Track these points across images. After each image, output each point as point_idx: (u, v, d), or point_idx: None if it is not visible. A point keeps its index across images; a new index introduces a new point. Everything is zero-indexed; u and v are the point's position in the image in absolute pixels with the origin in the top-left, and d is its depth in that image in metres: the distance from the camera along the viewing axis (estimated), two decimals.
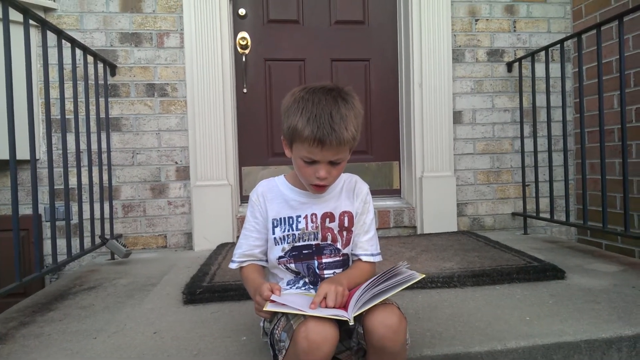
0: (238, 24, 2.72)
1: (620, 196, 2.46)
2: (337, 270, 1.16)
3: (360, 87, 2.79)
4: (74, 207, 2.33)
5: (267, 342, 1.09)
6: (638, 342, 1.23)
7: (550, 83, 2.46)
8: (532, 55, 2.56)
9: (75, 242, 2.04)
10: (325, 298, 0.96)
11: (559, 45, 2.36)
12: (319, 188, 1.10)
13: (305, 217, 1.15)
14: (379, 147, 2.88)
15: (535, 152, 2.56)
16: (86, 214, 2.15)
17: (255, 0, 2.74)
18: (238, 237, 1.24)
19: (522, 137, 2.69)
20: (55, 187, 1.83)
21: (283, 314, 1.01)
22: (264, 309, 0.95)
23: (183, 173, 2.57)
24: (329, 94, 1.04)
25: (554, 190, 2.47)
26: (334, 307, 0.95)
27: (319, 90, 1.05)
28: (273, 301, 0.96)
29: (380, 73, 2.86)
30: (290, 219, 1.15)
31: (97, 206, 2.23)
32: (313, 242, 1.14)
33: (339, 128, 1.00)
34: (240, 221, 2.54)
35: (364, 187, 1.20)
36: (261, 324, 1.16)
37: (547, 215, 2.49)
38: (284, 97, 1.10)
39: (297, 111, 1.03)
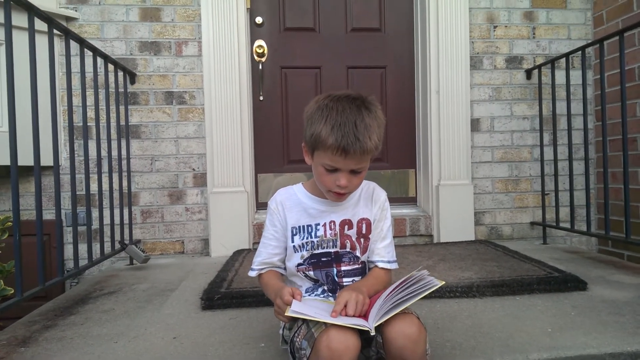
0: (255, 32, 2.75)
1: None
2: (356, 278, 1.16)
3: (376, 94, 2.79)
4: (95, 213, 2.37)
5: (287, 350, 1.09)
6: None
7: (570, 90, 2.43)
8: (552, 62, 2.54)
9: (95, 247, 2.07)
10: (345, 306, 0.96)
11: (579, 52, 2.33)
12: (339, 196, 1.09)
13: (324, 224, 1.15)
14: (395, 154, 2.87)
15: (556, 160, 2.52)
16: (106, 220, 2.18)
17: (272, 8, 2.77)
18: (254, 243, 1.25)
19: (541, 145, 2.66)
20: (76, 193, 1.86)
21: (304, 321, 1.01)
22: (285, 313, 0.95)
23: (200, 180, 2.60)
24: (353, 102, 1.04)
25: (574, 200, 2.43)
26: (354, 316, 0.95)
27: (343, 99, 1.05)
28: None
29: (396, 80, 2.86)
30: (309, 227, 1.15)
31: (116, 212, 2.27)
32: (332, 250, 1.14)
33: (363, 137, 1.00)
34: (256, 228, 2.55)
35: (382, 194, 1.20)
36: (280, 332, 1.16)
37: (567, 225, 2.44)
38: (307, 104, 1.11)
39: (321, 119, 1.03)
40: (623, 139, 1.94)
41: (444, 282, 1.01)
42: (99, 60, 2.15)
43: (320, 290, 1.16)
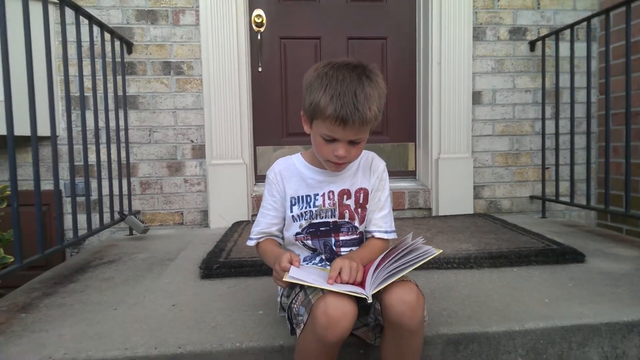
0: (253, 1, 2.68)
1: None
2: (354, 248, 1.16)
3: (377, 65, 2.73)
4: (93, 184, 2.37)
5: (285, 317, 1.10)
6: None
7: (574, 63, 2.39)
8: (556, 33, 2.48)
9: (95, 218, 2.08)
10: (340, 273, 0.96)
11: (585, 23, 2.28)
12: (337, 166, 1.09)
13: (323, 194, 1.14)
14: (395, 127, 2.84)
15: (557, 134, 2.50)
16: (105, 191, 2.17)
17: None
18: (253, 215, 1.24)
19: (543, 119, 2.63)
20: (75, 164, 1.85)
21: (301, 288, 1.02)
22: (283, 278, 0.96)
23: (199, 151, 2.58)
24: (354, 71, 1.01)
25: (575, 174, 2.42)
26: (349, 283, 0.95)
27: (343, 67, 1.02)
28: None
29: (397, 51, 2.81)
30: (308, 197, 1.15)
31: (115, 183, 2.26)
32: (330, 220, 1.14)
33: (362, 108, 0.98)
34: (255, 200, 2.55)
35: (380, 164, 1.19)
36: (278, 299, 1.17)
37: (567, 199, 2.44)
38: (307, 72, 1.08)
39: (321, 87, 1.00)
40: (627, 112, 1.92)
41: (441, 251, 1.01)
42: (95, 29, 2.10)
43: (318, 259, 1.16)
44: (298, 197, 1.15)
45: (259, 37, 2.69)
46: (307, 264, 1.16)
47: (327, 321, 0.89)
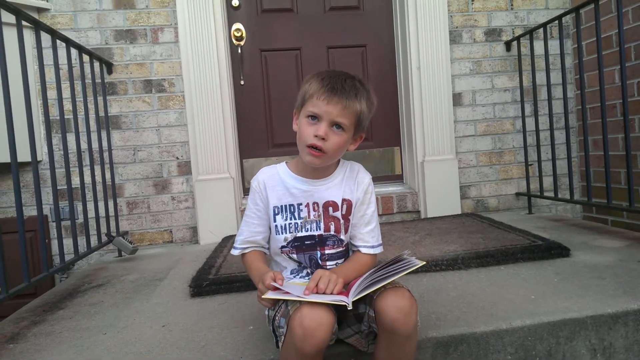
0: (232, 15, 2.70)
1: (624, 171, 2.43)
2: (339, 261, 1.16)
3: (358, 73, 2.74)
4: (79, 207, 2.35)
5: (271, 330, 1.10)
6: None
7: (549, 60, 2.44)
8: (530, 33, 2.53)
9: (82, 241, 2.06)
10: (317, 283, 0.96)
11: (557, 22, 2.33)
12: (315, 153, 1.06)
13: (307, 205, 1.14)
14: (380, 133, 2.86)
15: (537, 130, 2.54)
16: (91, 213, 2.16)
17: None
18: None
19: (523, 117, 2.67)
20: (58, 188, 1.84)
21: (284, 301, 1.02)
22: (263, 296, 0.96)
23: (185, 168, 2.58)
24: (348, 76, 1.11)
25: (557, 169, 2.46)
26: (327, 293, 0.95)
27: (341, 73, 1.11)
28: (276, 288, 0.96)
29: (377, 58, 2.84)
30: (292, 207, 1.15)
31: (101, 204, 2.25)
32: (316, 233, 1.14)
33: (349, 89, 1.06)
34: (244, 213, 2.54)
35: (365, 177, 1.19)
36: (266, 313, 1.17)
37: (551, 194, 2.48)
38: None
39: (316, 80, 1.09)
40: (601, 106, 1.96)
41: (424, 263, 1.03)
42: (74, 52, 2.09)
43: (304, 272, 1.16)
44: (281, 206, 1.15)
45: (239, 51, 2.71)
46: (294, 276, 1.16)
47: (303, 332, 0.88)
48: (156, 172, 2.57)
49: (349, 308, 0.92)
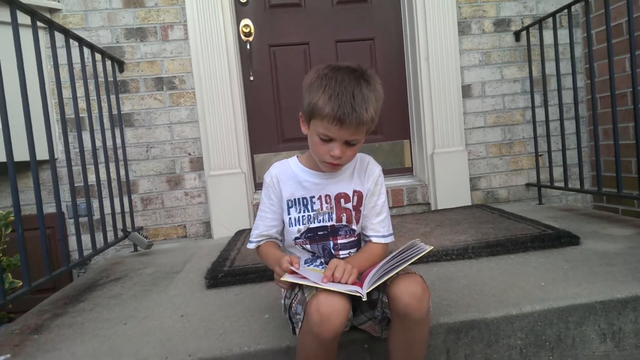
0: (240, 11, 2.73)
1: (635, 160, 2.43)
2: (352, 250, 1.19)
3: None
4: (95, 203, 2.40)
5: (287, 318, 1.14)
6: None
7: (559, 50, 2.43)
8: (539, 22, 2.52)
9: (98, 237, 2.11)
10: (334, 272, 0.99)
11: (566, 11, 2.31)
12: (332, 167, 1.11)
13: (320, 197, 1.17)
14: (389, 126, 2.88)
15: (547, 121, 2.54)
16: (107, 209, 2.21)
17: None
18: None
19: (533, 107, 2.67)
20: (75, 185, 1.89)
21: (300, 288, 1.05)
22: (281, 279, 1.00)
23: (197, 164, 2.62)
24: (353, 74, 1.04)
25: (568, 159, 2.46)
26: (342, 282, 0.98)
27: (343, 69, 1.05)
28: (292, 272, 1.00)
29: (385, 51, 2.85)
30: (305, 200, 1.18)
31: (116, 201, 2.30)
32: (328, 224, 1.16)
33: (359, 108, 1.00)
34: (256, 207, 2.58)
35: (376, 168, 1.21)
36: (282, 301, 1.20)
37: (561, 184, 2.48)
38: (300, 79, 1.12)
39: (320, 88, 1.03)
40: (611, 95, 1.96)
41: (432, 247, 1.05)
42: (86, 51, 2.14)
43: (318, 262, 1.19)
44: (295, 199, 1.18)
45: (248, 47, 2.74)
46: (308, 265, 1.19)
47: (320, 318, 0.92)
48: (169, 168, 2.61)
49: (364, 299, 0.94)
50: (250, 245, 1.22)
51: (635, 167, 2.43)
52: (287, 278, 0.98)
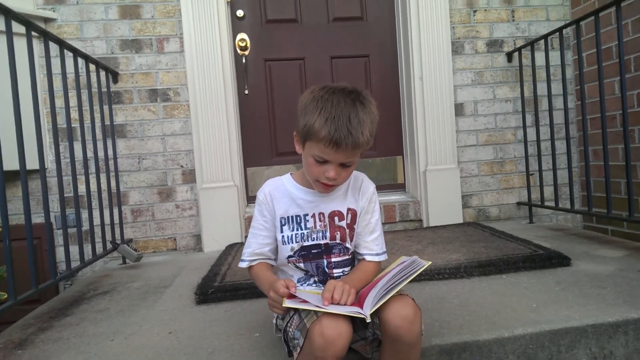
0: (237, 25, 2.74)
1: (624, 181, 2.45)
2: (346, 269, 1.18)
3: (361, 83, 2.80)
4: (84, 214, 2.37)
5: (281, 338, 1.12)
6: None
7: (550, 71, 2.47)
8: (531, 44, 2.57)
9: (87, 248, 2.08)
10: (332, 294, 0.98)
11: (558, 34, 2.36)
12: (326, 187, 1.10)
13: (313, 215, 1.16)
14: (382, 142, 2.89)
15: (538, 140, 2.57)
16: (96, 220, 2.18)
17: (253, 1, 2.76)
18: (246, 236, 1.26)
19: (524, 127, 2.70)
20: (65, 195, 1.86)
21: (295, 311, 1.03)
22: (282, 305, 0.96)
23: (189, 176, 2.61)
24: (349, 96, 1.04)
25: (558, 178, 2.48)
26: (341, 304, 0.97)
27: (338, 92, 1.05)
28: (292, 295, 0.97)
29: (380, 68, 2.88)
30: (298, 218, 1.17)
31: (106, 212, 2.27)
32: (322, 242, 1.16)
33: (355, 132, 1.00)
34: (248, 221, 2.57)
35: (370, 186, 1.21)
36: (274, 321, 1.19)
37: (552, 204, 2.50)
38: (296, 95, 1.11)
39: (316, 110, 1.02)
40: (602, 117, 1.99)
41: (430, 263, 1.05)
42: (80, 61, 2.13)
43: (311, 280, 1.18)
44: (288, 217, 1.17)
45: (243, 61, 2.75)
46: (301, 285, 1.18)
47: (324, 342, 0.90)
48: (161, 180, 2.59)
49: (367, 321, 0.93)
50: (242, 264, 1.20)
51: (625, 188, 2.46)
52: (288, 304, 0.95)
